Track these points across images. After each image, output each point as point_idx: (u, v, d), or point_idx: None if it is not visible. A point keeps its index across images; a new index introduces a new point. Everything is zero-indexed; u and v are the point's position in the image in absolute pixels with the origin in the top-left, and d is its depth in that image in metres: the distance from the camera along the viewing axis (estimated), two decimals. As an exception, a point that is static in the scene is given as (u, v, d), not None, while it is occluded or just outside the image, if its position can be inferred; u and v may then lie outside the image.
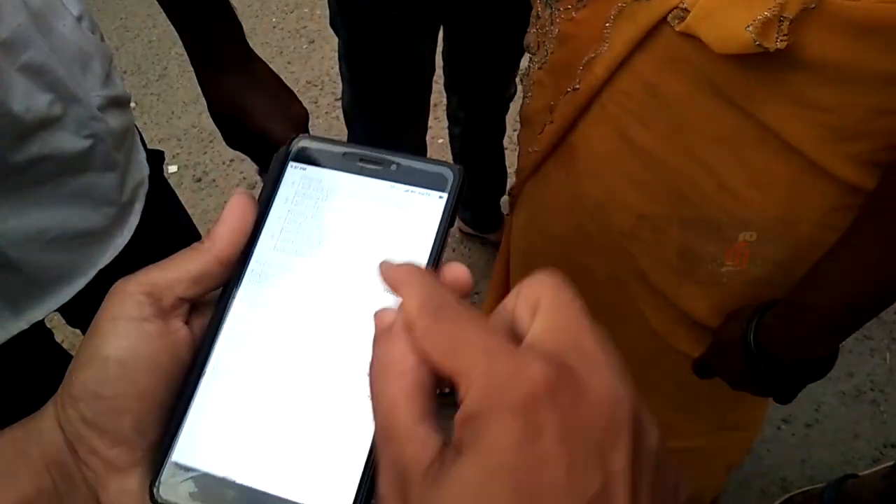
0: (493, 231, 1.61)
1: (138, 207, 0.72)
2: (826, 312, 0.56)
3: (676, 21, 0.52)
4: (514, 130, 1.78)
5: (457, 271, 0.26)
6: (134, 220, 0.71)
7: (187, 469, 0.26)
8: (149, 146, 0.79)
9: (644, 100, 0.58)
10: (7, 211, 0.59)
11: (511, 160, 1.56)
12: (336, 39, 0.99)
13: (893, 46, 0.46)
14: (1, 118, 0.54)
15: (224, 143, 0.74)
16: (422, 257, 0.27)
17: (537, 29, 0.66)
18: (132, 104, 2.18)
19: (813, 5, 0.47)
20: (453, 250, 1.67)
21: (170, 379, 0.26)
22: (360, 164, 0.28)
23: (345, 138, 1.28)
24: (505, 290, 0.99)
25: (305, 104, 0.75)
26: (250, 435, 0.26)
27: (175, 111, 1.90)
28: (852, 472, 1.22)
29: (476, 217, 1.60)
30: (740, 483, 1.28)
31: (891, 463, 1.18)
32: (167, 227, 0.81)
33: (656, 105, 0.58)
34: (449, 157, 1.49)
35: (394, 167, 0.28)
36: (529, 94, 0.72)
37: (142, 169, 0.74)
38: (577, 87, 0.62)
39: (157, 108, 1.78)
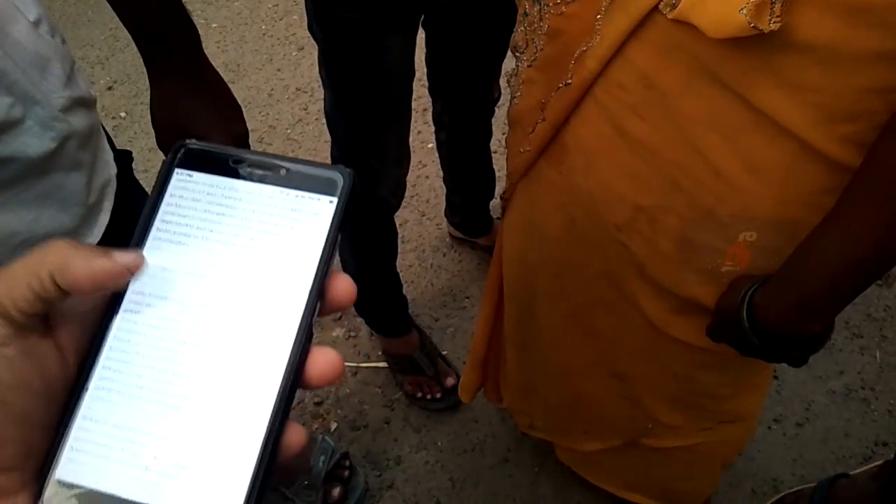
0: (483, 235, 1.61)
1: (107, 206, 0.72)
2: (815, 286, 0.56)
3: (668, 9, 0.52)
4: (503, 134, 1.79)
5: (343, 283, 0.27)
6: (104, 219, 0.71)
7: (71, 486, 0.25)
8: (139, 155, 0.79)
9: (638, 90, 0.58)
10: None
11: (500, 164, 1.57)
12: (325, 47, 0.99)
13: (883, 25, 0.47)
14: None
15: None
16: (311, 263, 0.27)
17: (525, 27, 0.66)
18: (122, 114, 2.18)
19: None
20: (444, 255, 1.67)
21: (47, 397, 0.25)
22: (249, 169, 0.28)
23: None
24: (499, 294, 0.98)
25: (295, 110, 0.75)
26: (135, 449, 0.25)
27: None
28: (844, 470, 1.22)
29: (465, 221, 1.60)
30: (731, 483, 1.28)
31: (881, 461, 1.18)
32: None
33: (651, 95, 0.57)
34: (439, 162, 1.49)
35: (283, 172, 0.28)
36: (518, 94, 0.72)
37: (109, 168, 0.74)
38: (570, 81, 0.61)
39: (148, 117, 1.77)
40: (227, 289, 0.27)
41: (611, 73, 0.58)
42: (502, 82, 1.26)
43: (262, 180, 0.28)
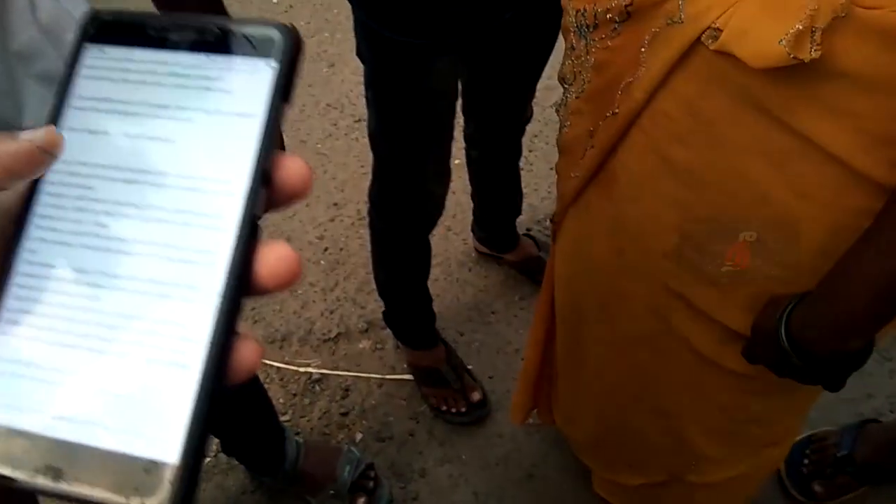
0: (509, 251, 1.62)
1: None
2: (854, 302, 0.56)
3: (710, 41, 0.54)
4: (530, 151, 1.81)
5: (294, 165, 0.23)
6: None
7: None
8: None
9: (683, 119, 0.59)
10: None
11: (526, 180, 1.59)
12: (355, 63, 1.02)
13: None
14: (21, 123, 0.58)
15: None
16: (249, 141, 0.23)
17: (572, 60, 0.68)
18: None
19: (843, 14, 0.49)
20: (469, 270, 1.68)
21: None
22: (170, 34, 0.24)
23: (366, 161, 1.30)
24: (550, 315, 0.98)
25: (325, 125, 0.77)
26: (55, 376, 0.22)
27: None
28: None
29: (492, 237, 1.61)
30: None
31: None
32: None
33: (696, 123, 0.59)
34: (466, 179, 1.51)
35: (209, 36, 0.24)
36: (567, 123, 0.74)
37: None
38: (616, 111, 0.63)
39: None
40: (153, 177, 0.23)
41: (656, 102, 0.60)
42: (551, 111, 1.28)
43: (186, 48, 0.24)
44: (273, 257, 0.22)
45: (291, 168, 0.23)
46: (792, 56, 0.49)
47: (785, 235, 0.59)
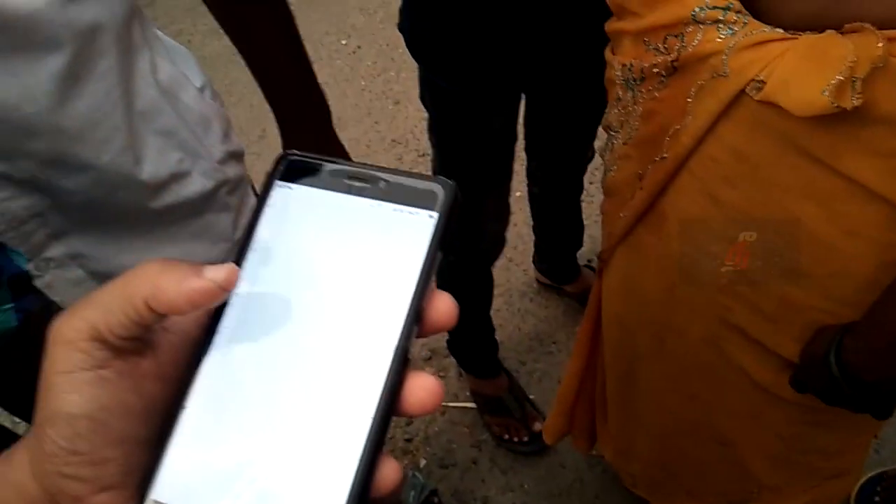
0: (570, 282, 1.64)
1: None
2: None
3: (754, 91, 0.57)
4: (591, 184, 1.84)
5: (443, 303, 0.26)
6: None
7: None
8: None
9: (730, 163, 0.62)
10: (143, 246, 0.71)
11: (587, 212, 1.61)
12: (419, 100, 1.08)
13: None
14: (141, 174, 0.66)
15: None
16: (409, 282, 0.25)
17: (619, 109, 0.72)
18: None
19: (881, 64, 0.51)
20: (531, 300, 1.72)
21: (147, 416, 0.25)
22: (348, 181, 0.27)
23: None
24: (589, 348, 1.00)
25: (390, 160, 0.84)
26: (229, 473, 0.25)
27: (272, 169, 2.07)
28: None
29: (553, 269, 1.64)
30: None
31: None
32: None
33: (742, 167, 0.62)
34: (527, 212, 1.55)
35: (382, 184, 0.27)
36: (614, 167, 0.77)
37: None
38: (665, 156, 0.66)
39: (258, 165, 1.93)
40: (322, 308, 0.26)
41: (704, 147, 0.63)
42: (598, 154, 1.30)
43: (360, 193, 0.27)
44: (420, 386, 0.25)
45: (441, 307, 0.26)
46: (835, 105, 0.52)
47: (832, 271, 0.61)
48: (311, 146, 0.83)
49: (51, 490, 0.24)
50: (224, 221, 0.78)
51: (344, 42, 2.52)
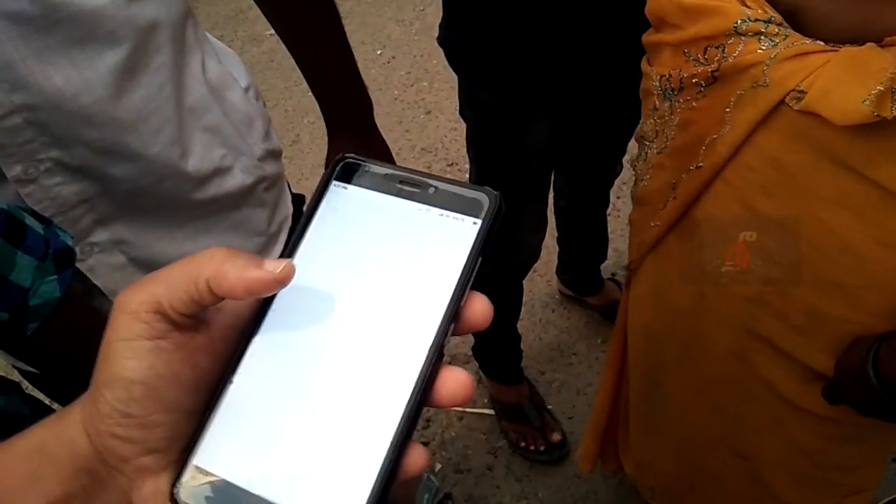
0: (593, 294, 1.65)
1: (283, 238, 0.86)
2: None
3: (794, 101, 0.58)
4: (618, 198, 1.85)
5: (480, 305, 0.27)
6: (278, 249, 0.84)
7: (207, 473, 0.26)
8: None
9: (767, 172, 0.63)
10: (182, 236, 0.73)
11: (612, 226, 1.62)
12: (450, 111, 1.10)
13: None
14: (187, 167, 0.69)
15: None
16: (449, 283, 0.27)
17: (655, 119, 0.73)
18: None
19: None
20: (553, 311, 1.72)
21: (196, 387, 0.27)
22: (399, 185, 0.29)
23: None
24: (621, 363, 1.00)
25: (420, 168, 0.86)
26: (271, 447, 0.26)
27: (304, 173, 2.11)
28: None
29: (576, 280, 1.65)
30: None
31: None
32: None
33: (779, 176, 0.62)
34: (551, 223, 1.56)
35: (431, 190, 0.28)
36: (647, 176, 0.77)
37: (287, 208, 0.87)
38: (701, 165, 0.67)
39: (290, 170, 1.98)
40: (366, 301, 0.27)
41: (740, 157, 0.64)
42: (626, 165, 1.31)
43: (410, 197, 0.28)
44: (452, 379, 0.26)
45: (477, 308, 0.27)
46: (875, 114, 0.53)
47: (865, 282, 0.61)
48: (356, 140, 0.85)
49: (101, 448, 0.26)
50: (260, 216, 0.80)
51: (379, 52, 2.56)
